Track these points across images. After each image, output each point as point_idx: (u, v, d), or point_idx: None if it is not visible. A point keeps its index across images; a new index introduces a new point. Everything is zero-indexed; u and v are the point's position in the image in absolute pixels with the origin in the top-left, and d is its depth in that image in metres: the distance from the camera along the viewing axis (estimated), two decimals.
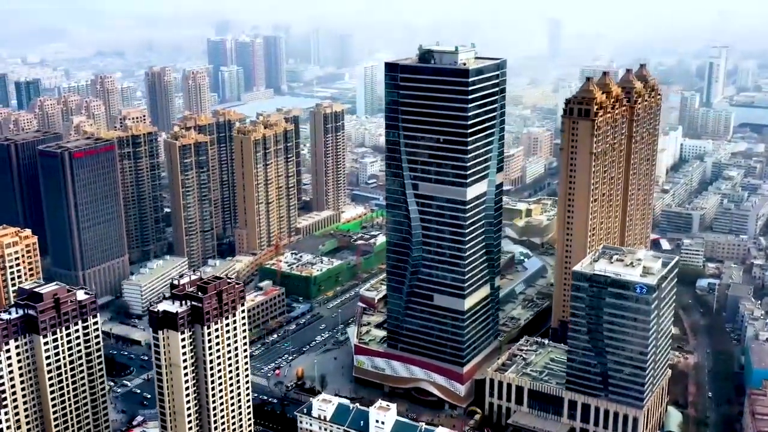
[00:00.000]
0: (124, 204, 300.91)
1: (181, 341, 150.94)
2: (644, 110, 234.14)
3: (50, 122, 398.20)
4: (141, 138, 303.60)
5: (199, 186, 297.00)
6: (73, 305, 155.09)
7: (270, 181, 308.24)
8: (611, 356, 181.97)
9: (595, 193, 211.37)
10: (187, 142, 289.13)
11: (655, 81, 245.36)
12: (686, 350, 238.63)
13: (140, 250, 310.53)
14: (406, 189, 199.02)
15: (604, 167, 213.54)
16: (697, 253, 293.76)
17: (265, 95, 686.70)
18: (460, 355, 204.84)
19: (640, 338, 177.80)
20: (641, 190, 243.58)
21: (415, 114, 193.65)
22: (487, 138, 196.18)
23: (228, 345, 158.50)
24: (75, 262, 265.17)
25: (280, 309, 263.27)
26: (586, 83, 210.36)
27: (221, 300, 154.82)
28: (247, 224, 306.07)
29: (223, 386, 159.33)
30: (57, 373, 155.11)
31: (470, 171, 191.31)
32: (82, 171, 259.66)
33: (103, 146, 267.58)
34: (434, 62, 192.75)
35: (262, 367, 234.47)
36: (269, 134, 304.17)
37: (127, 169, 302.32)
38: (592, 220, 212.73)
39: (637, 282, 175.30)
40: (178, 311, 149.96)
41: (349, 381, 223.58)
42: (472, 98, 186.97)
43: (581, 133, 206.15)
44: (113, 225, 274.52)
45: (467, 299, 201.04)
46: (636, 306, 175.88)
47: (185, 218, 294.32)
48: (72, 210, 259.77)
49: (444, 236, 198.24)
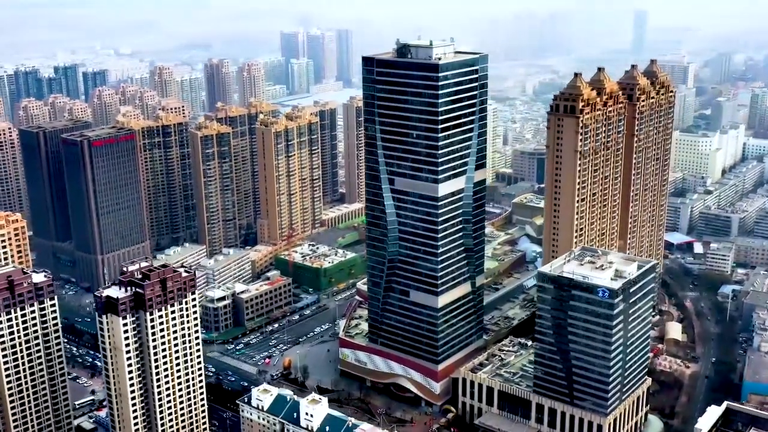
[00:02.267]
0: (155, 192, 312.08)
1: (123, 326, 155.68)
2: (650, 108, 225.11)
3: (108, 112, 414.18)
4: (171, 128, 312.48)
5: (221, 176, 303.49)
6: (28, 287, 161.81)
7: (293, 172, 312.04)
8: (576, 361, 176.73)
9: (582, 192, 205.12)
10: (209, 132, 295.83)
11: (666, 77, 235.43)
12: (689, 358, 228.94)
13: (170, 236, 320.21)
14: (382, 183, 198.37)
15: (594, 166, 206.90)
16: (723, 258, 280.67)
17: (334, 87, 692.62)
18: (435, 353, 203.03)
19: (603, 344, 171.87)
20: (649, 191, 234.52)
21: (390, 108, 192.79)
22: (464, 134, 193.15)
23: (174, 332, 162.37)
24: (95, 246, 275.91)
25: (286, 299, 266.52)
26: (574, 79, 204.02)
27: (165, 287, 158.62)
28: (268, 215, 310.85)
29: (170, 372, 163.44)
30: (12, 353, 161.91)
31: (443, 167, 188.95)
32: (102, 159, 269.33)
33: (123, 135, 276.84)
34: (410, 56, 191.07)
35: (255, 355, 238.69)
36: (292, 126, 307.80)
37: (157, 158, 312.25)
38: (580, 220, 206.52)
39: (600, 285, 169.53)
40: (119, 297, 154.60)
41: (336, 373, 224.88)
42: (443, 93, 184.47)
43: (566, 131, 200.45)
44: (134, 212, 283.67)
45: (441, 296, 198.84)
46: (599, 310, 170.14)
47: (207, 207, 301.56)
48: (91, 196, 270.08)
49: (418, 232, 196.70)
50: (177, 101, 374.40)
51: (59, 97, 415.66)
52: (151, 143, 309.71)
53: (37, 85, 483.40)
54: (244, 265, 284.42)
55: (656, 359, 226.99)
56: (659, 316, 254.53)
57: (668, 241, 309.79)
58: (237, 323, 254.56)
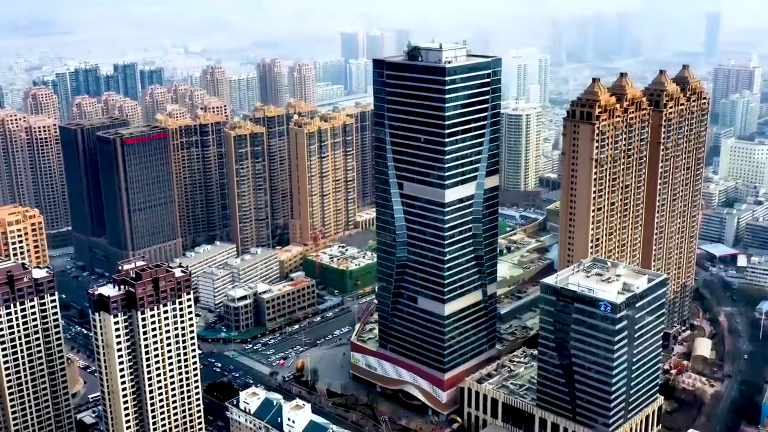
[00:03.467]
0: (192, 190, 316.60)
1: (114, 324, 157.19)
2: (679, 115, 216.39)
3: (157, 110, 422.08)
4: (209, 127, 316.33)
5: (254, 176, 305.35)
6: (28, 282, 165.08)
7: (326, 173, 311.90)
8: (578, 376, 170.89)
9: (599, 201, 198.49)
10: (242, 132, 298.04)
11: (698, 83, 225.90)
12: (715, 377, 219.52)
13: (207, 234, 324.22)
14: (391, 188, 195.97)
15: (612, 175, 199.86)
16: (765, 273, 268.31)
17: None
18: (441, 361, 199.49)
19: (605, 359, 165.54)
20: (678, 201, 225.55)
21: (399, 112, 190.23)
22: (474, 139, 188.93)
23: (167, 331, 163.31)
24: (126, 242, 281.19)
25: (309, 300, 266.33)
26: (592, 84, 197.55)
27: (158, 287, 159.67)
28: (300, 215, 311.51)
29: (162, 371, 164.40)
30: (12, 348, 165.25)
31: (450, 172, 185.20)
32: (134, 157, 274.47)
33: (155, 134, 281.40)
34: (421, 59, 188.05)
35: (271, 355, 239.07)
36: (326, 127, 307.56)
37: (195, 157, 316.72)
38: (596, 230, 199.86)
39: (602, 299, 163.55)
40: (110, 295, 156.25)
41: (348, 377, 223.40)
42: (450, 97, 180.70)
43: (582, 138, 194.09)
44: (165, 209, 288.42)
45: (448, 304, 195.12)
46: (601, 325, 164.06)
47: (239, 206, 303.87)
48: (123, 193, 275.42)
49: (426, 238, 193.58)
50: (219, 100, 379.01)
51: (112, 94, 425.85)
52: (188, 142, 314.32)
53: (96, 83, 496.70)
54: (272, 265, 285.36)
55: (679, 376, 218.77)
56: (690, 331, 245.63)
57: (710, 253, 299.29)
58: (258, 323, 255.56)
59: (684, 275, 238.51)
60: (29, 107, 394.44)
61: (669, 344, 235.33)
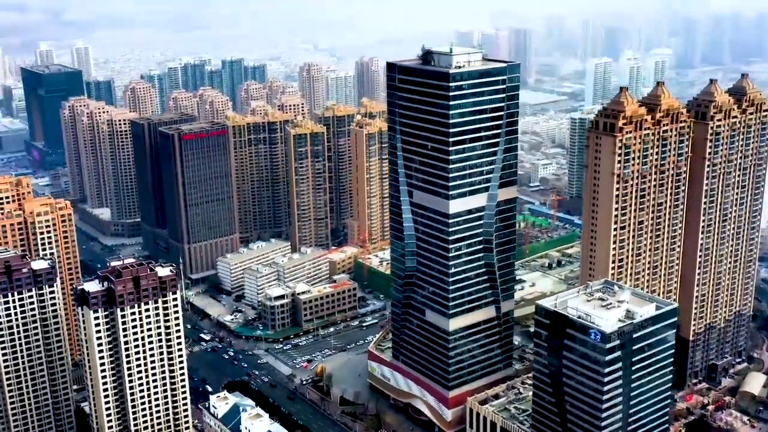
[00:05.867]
0: (259, 186, 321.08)
1: (94, 320, 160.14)
2: (731, 128, 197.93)
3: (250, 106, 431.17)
4: (277, 125, 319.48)
5: (314, 175, 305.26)
6: (27, 273, 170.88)
7: (385, 175, 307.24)
8: (570, 407, 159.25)
9: (623, 220, 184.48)
10: (302, 131, 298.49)
11: (758, 95, 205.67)
12: (760, 417, 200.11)
13: (273, 231, 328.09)
14: (401, 195, 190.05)
15: (641, 191, 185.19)
16: None
17: None
18: (446, 378, 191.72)
19: (595, 391, 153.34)
20: (729, 222, 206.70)
21: (409, 118, 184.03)
22: (486, 148, 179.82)
23: (149, 330, 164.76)
24: (182, 235, 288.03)
25: (350, 303, 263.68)
26: (619, 93, 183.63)
27: (139, 285, 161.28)
28: (359, 216, 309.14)
29: (144, 369, 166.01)
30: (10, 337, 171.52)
31: (454, 182, 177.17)
32: (191, 152, 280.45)
33: (214, 131, 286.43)
34: (433, 63, 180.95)
35: (297, 357, 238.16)
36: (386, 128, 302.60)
37: (263, 154, 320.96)
38: (619, 249, 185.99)
39: (593, 327, 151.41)
40: (90, 291, 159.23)
41: (366, 386, 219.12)
42: (456, 104, 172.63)
43: (604, 151, 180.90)
44: (222, 205, 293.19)
45: (454, 319, 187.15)
46: (592, 354, 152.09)
47: (298, 205, 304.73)
48: (180, 187, 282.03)
49: (432, 249, 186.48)
50: (297, 98, 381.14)
51: (208, 89, 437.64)
52: (257, 139, 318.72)
53: (201, 78, 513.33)
54: (321, 266, 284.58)
55: (718, 413, 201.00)
56: (746, 364, 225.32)
57: None
58: (295, 323, 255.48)
59: (739, 302, 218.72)
60: (128, 101, 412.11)
61: (717, 377, 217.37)
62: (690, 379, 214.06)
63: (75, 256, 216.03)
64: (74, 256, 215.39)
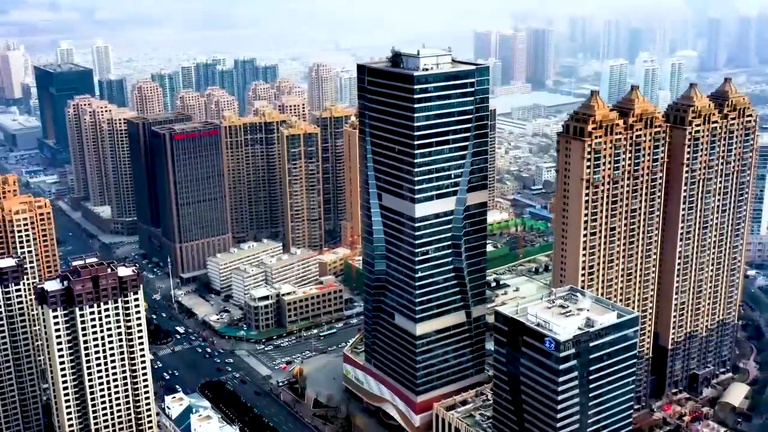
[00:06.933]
0: (255, 186, 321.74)
1: (53, 318, 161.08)
2: (710, 133, 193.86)
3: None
4: (274, 125, 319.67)
5: (307, 176, 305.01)
6: None
7: None
8: (527, 415, 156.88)
9: (592, 226, 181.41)
10: (295, 132, 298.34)
11: (742, 99, 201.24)
12: (738, 429, 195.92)
13: (269, 231, 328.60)
14: (371, 198, 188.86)
15: (612, 197, 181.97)
16: None
17: (522, 90, 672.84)
18: (414, 382, 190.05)
19: (549, 400, 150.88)
20: (710, 229, 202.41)
21: (378, 120, 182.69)
22: (454, 151, 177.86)
23: (109, 329, 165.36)
24: (174, 234, 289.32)
25: (335, 305, 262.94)
26: (590, 97, 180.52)
27: (98, 285, 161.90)
28: (352, 217, 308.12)
29: (104, 369, 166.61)
30: None
31: (421, 186, 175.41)
32: (183, 152, 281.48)
33: (206, 130, 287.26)
34: (402, 66, 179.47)
35: (278, 358, 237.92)
36: None
37: (259, 154, 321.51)
38: (590, 256, 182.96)
39: (547, 335, 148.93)
40: (49, 290, 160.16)
41: (342, 389, 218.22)
42: (421, 107, 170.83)
43: (573, 156, 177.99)
44: (215, 205, 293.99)
45: (421, 324, 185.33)
46: (546, 363, 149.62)
47: (291, 206, 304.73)
48: (171, 186, 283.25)
49: (400, 253, 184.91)
50: (298, 98, 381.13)
51: (215, 89, 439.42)
52: (253, 139, 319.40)
53: (212, 77, 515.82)
54: (310, 267, 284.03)
55: (694, 424, 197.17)
56: (731, 374, 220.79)
57: None
58: (279, 324, 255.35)
59: (722, 311, 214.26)
60: (135, 100, 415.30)
61: (698, 386, 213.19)
62: (669, 388, 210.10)
63: (54, 255, 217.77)
64: (53, 254, 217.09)
